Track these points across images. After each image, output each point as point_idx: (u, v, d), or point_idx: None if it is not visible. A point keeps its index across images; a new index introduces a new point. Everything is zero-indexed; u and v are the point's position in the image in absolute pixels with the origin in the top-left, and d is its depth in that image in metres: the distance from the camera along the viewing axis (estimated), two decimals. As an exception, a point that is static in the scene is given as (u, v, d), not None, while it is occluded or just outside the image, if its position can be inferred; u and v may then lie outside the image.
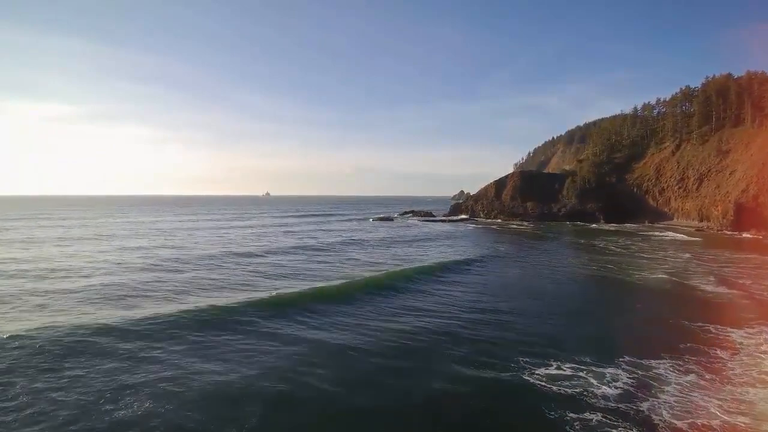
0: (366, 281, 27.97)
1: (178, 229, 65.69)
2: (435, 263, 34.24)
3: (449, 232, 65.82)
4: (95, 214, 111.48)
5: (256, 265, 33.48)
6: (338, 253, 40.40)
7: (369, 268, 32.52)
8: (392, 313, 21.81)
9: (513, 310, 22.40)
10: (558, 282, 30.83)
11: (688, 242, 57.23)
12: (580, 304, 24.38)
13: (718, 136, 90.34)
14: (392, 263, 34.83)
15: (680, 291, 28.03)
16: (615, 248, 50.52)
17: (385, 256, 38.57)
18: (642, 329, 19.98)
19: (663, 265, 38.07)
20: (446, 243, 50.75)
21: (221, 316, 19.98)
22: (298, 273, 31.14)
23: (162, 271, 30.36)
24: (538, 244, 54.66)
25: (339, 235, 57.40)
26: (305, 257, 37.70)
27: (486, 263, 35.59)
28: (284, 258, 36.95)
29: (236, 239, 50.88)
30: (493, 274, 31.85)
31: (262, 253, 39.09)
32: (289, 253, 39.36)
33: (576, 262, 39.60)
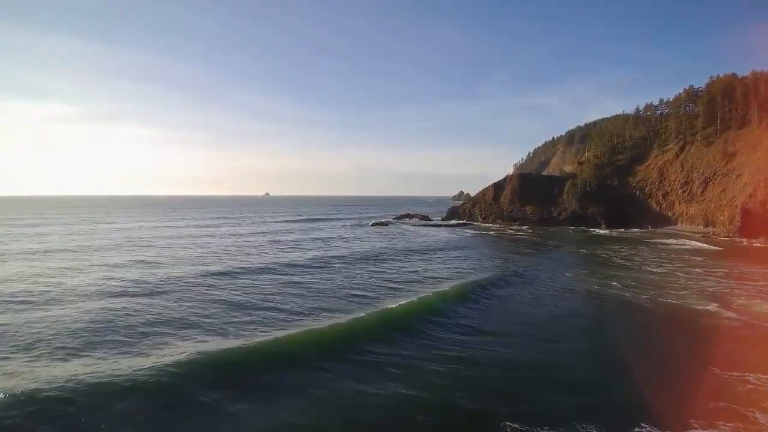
0: (331, 332, 21.03)
1: (158, 237, 62.47)
2: (420, 302, 26.70)
3: (444, 241, 62.32)
4: (81, 219, 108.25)
5: (218, 293, 28.80)
6: (320, 273, 36.60)
7: (348, 301, 28.12)
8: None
9: (498, 356, 18.98)
10: (556, 310, 27.82)
11: (697, 251, 54.21)
12: (582, 344, 21.03)
13: (724, 137, 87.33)
14: (374, 293, 30.32)
15: (699, 320, 24.95)
16: (619, 260, 47.59)
17: (371, 280, 34.20)
18: (661, 380, 16.59)
19: (673, 283, 35.14)
20: (440, 257, 47.24)
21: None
22: (262, 308, 25.53)
23: (109, 302, 26.05)
24: (537, 255, 51.66)
25: (328, 247, 53.83)
26: (281, 280, 33.21)
27: (475, 296, 29.31)
28: (256, 280, 32.52)
29: (214, 252, 47.32)
30: (480, 309, 26.72)
31: (234, 273, 34.73)
32: (265, 273, 35.60)
33: (577, 280, 36.63)
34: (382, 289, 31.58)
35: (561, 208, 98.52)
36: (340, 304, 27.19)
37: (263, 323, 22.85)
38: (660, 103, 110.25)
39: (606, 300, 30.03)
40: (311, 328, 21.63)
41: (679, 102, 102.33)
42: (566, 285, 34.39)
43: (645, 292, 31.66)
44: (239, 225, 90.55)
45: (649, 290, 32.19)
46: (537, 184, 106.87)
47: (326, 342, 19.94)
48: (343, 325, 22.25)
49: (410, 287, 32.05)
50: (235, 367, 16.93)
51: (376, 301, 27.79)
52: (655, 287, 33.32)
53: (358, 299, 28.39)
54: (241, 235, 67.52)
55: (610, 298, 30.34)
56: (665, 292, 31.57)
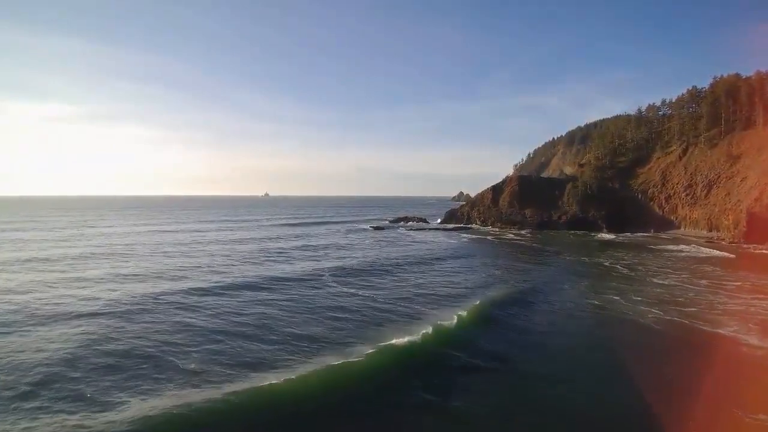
0: (321, 380, 17.16)
1: (144, 244, 59.83)
2: (410, 347, 21.50)
3: (441, 249, 59.59)
4: (71, 222, 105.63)
5: (191, 318, 25.56)
6: (308, 290, 33.40)
7: (336, 328, 24.80)
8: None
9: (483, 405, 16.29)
10: (555, 334, 25.74)
11: (703, 260, 51.99)
12: (583, 382, 18.83)
13: (728, 139, 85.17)
14: (365, 318, 26.89)
15: (713, 347, 22.76)
16: (623, 269, 45.45)
17: (362, 300, 30.87)
18: (673, 425, 14.63)
19: (681, 298, 33.08)
20: (436, 269, 44.05)
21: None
22: (237, 337, 22.26)
23: (64, 329, 23.19)
24: (536, 265, 49.57)
25: (320, 256, 50.94)
26: (264, 299, 29.96)
27: (469, 326, 25.41)
28: (235, 300, 29.54)
29: (198, 263, 44.24)
30: (488, 346, 22.71)
31: (213, 291, 31.78)
32: (247, 289, 32.84)
33: (578, 295, 34.53)
34: (374, 312, 28.60)
35: (561, 211, 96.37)
36: (329, 333, 24.19)
37: (236, 362, 19.73)
38: (662, 104, 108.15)
39: (608, 321, 27.82)
40: (298, 374, 17.84)
41: (681, 103, 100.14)
42: (566, 303, 32.25)
43: (650, 309, 29.56)
44: (231, 230, 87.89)
45: (655, 307, 30.08)
46: (537, 186, 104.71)
47: (317, 395, 16.14)
48: (335, 371, 18.01)
49: (403, 311, 29.06)
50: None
51: (367, 330, 24.73)
52: (661, 303, 31.22)
53: (349, 326, 25.46)
54: (231, 241, 65.00)
55: (613, 318, 28.18)
56: (673, 310, 29.47)
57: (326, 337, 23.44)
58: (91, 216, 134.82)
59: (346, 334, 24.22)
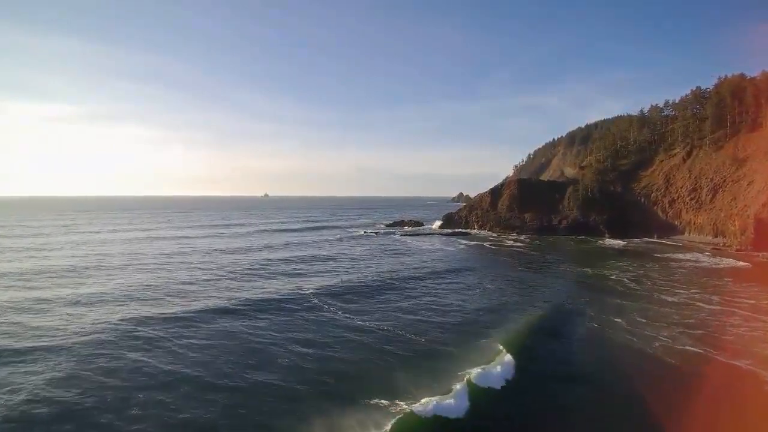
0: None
1: (116, 255, 56.17)
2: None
3: (435, 260, 55.57)
4: (54, 226, 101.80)
5: (141, 362, 22.18)
6: (276, 326, 28.40)
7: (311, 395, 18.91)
8: None
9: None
10: (552, 371, 23.07)
11: (712, 271, 49.20)
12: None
13: (734, 141, 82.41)
14: (353, 381, 20.25)
15: (733, 386, 20.13)
16: (629, 282, 42.68)
17: (347, 344, 25.08)
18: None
19: (692, 319, 30.44)
20: (426, 289, 39.48)
21: None
22: (184, 402, 18.01)
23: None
24: (537, 278, 46.77)
25: (305, 270, 47.09)
26: (231, 334, 26.30)
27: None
28: (198, 334, 26.14)
29: (167, 282, 40.00)
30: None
31: (174, 320, 28.59)
32: (215, 319, 28.78)
33: (578, 315, 31.91)
34: (375, 350, 23.96)
35: (561, 215, 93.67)
36: (319, 386, 19.54)
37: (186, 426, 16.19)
38: (665, 105, 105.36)
39: (612, 351, 25.00)
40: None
41: (685, 104, 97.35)
42: (567, 328, 29.52)
43: (658, 335, 26.87)
44: (220, 236, 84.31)
45: (663, 332, 27.41)
46: (536, 189, 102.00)
47: None
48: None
49: (406, 349, 24.04)
50: None
51: (371, 382, 19.93)
52: (669, 326, 28.54)
53: (344, 374, 21.03)
54: (216, 251, 61.69)
55: (617, 348, 25.41)
56: (683, 335, 26.80)
57: (315, 395, 18.57)
58: (82, 220, 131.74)
59: (344, 389, 19.12)
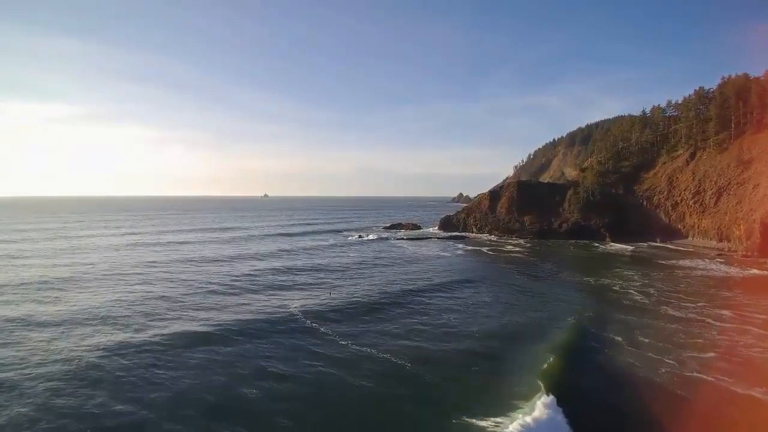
0: None
1: (97, 264, 53.37)
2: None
3: (432, 269, 53.00)
4: (44, 232, 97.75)
5: (69, 409, 18.90)
6: (256, 357, 24.70)
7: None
8: None
9: None
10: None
11: (722, 281, 46.87)
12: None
13: (739, 143, 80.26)
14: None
15: (746, 420, 18.15)
16: (634, 293, 40.52)
17: (343, 383, 21.90)
18: None
19: (700, 338, 28.39)
20: (419, 306, 35.99)
21: None
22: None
23: None
24: (536, 288, 44.68)
25: (286, 287, 42.75)
26: (194, 380, 21.92)
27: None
28: (149, 371, 22.77)
29: (136, 302, 35.84)
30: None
31: (128, 353, 24.99)
32: (173, 354, 24.79)
33: (581, 338, 29.84)
34: (382, 393, 20.70)
35: (562, 218, 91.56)
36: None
37: None
38: (668, 105, 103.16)
39: (611, 378, 22.88)
40: None
41: (689, 104, 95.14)
42: (568, 346, 27.46)
43: (664, 358, 24.81)
44: (211, 242, 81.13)
45: (669, 355, 25.33)
46: (536, 192, 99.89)
47: None
48: None
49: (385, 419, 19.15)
50: None
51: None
52: (676, 348, 26.47)
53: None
54: (203, 260, 58.36)
55: (617, 374, 23.28)
56: (691, 359, 24.73)
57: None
58: (74, 222, 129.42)
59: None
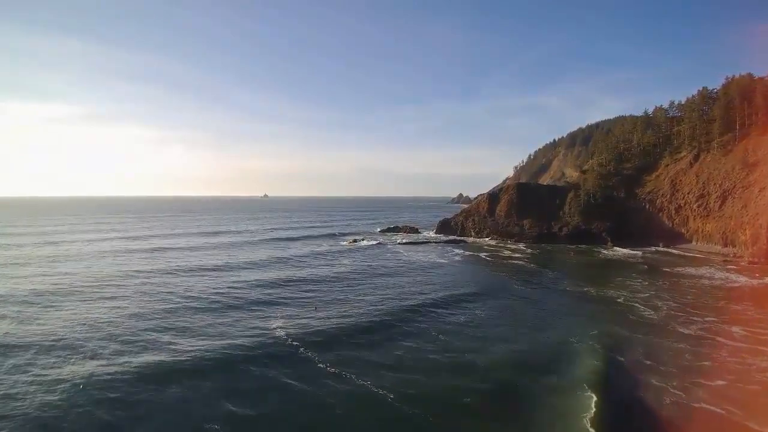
0: None
1: (72, 275, 50.15)
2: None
3: (428, 281, 49.86)
4: (32, 237, 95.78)
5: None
6: (231, 397, 21.83)
7: None
8: None
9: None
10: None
11: (731, 291, 44.58)
12: None
13: (743, 145, 78.07)
14: None
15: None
16: (640, 307, 38.32)
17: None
18: None
19: (707, 360, 26.31)
20: (420, 327, 32.91)
21: None
22: None
23: None
24: (536, 299, 42.55)
25: (275, 304, 39.28)
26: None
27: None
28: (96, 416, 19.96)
29: (100, 323, 33.28)
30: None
31: (68, 390, 22.28)
32: (130, 394, 21.85)
33: (581, 353, 27.73)
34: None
35: (562, 222, 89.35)
36: None
37: None
38: (670, 106, 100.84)
39: (612, 409, 20.84)
40: None
41: (692, 105, 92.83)
42: (570, 371, 25.32)
43: (669, 384, 22.90)
44: (198, 248, 77.74)
45: (675, 380, 23.39)
46: (536, 194, 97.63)
47: None
48: None
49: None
50: None
51: None
52: (683, 372, 24.48)
53: None
54: (185, 270, 54.86)
55: (619, 403, 21.33)
56: (699, 386, 22.76)
57: None
58: (66, 225, 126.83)
59: None
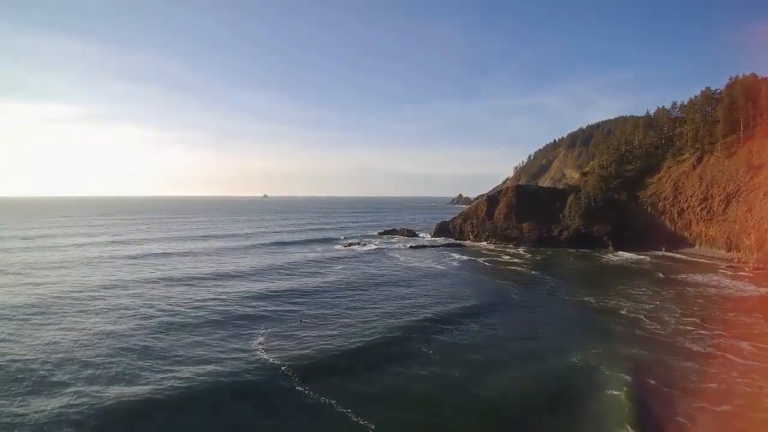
0: None
1: (45, 287, 46.88)
2: None
3: (423, 293, 46.85)
4: (14, 239, 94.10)
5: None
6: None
7: None
8: None
9: None
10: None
11: (740, 302, 42.41)
12: None
13: (748, 147, 76.25)
14: None
15: None
16: (645, 320, 36.40)
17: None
18: None
19: (715, 382, 24.50)
20: (417, 350, 29.69)
21: None
22: None
23: None
24: (535, 310, 40.81)
25: (247, 322, 35.47)
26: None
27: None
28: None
29: (51, 350, 29.31)
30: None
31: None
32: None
33: (590, 391, 25.91)
34: None
35: (562, 225, 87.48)
36: None
37: None
38: (673, 107, 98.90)
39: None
40: None
41: (694, 105, 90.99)
42: (574, 399, 23.50)
43: (672, 413, 20.94)
44: (185, 255, 74.14)
45: (680, 406, 21.60)
46: (535, 197, 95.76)
47: None
48: None
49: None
50: None
51: None
52: (689, 396, 22.73)
53: None
54: (166, 280, 51.57)
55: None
56: (704, 413, 21.05)
57: None
58: (59, 228, 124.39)
59: None
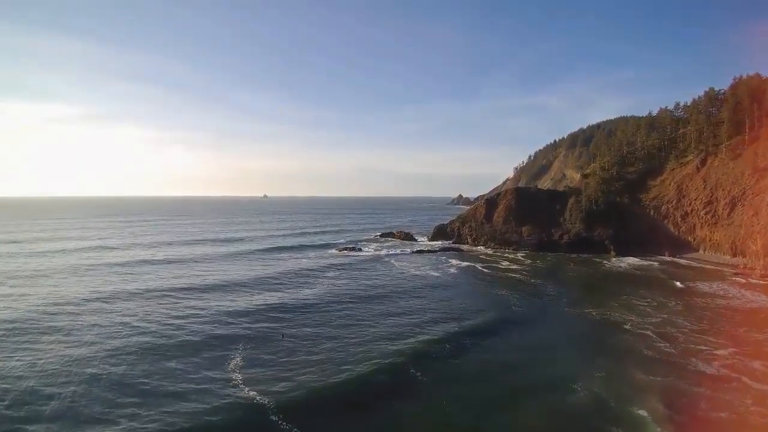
0: None
1: (18, 300, 43.86)
2: None
3: (419, 307, 43.75)
4: (7, 243, 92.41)
5: None
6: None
7: None
8: None
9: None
10: None
11: (751, 314, 40.28)
12: None
13: (753, 149, 74.25)
14: None
15: None
16: (652, 335, 34.32)
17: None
18: None
19: (730, 406, 22.66)
20: (395, 383, 26.33)
21: None
22: None
23: None
24: (533, 314, 39.07)
25: (212, 357, 30.04)
26: None
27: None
28: None
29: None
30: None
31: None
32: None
33: (595, 421, 23.99)
34: None
35: (563, 229, 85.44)
36: None
37: None
38: (676, 107, 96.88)
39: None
40: None
41: (698, 106, 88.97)
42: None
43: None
44: (170, 263, 70.18)
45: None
46: (535, 200, 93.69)
47: None
48: None
49: None
50: None
51: None
52: (700, 427, 20.73)
53: None
54: (142, 292, 48.03)
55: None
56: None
57: None
58: (50, 232, 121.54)
59: None
